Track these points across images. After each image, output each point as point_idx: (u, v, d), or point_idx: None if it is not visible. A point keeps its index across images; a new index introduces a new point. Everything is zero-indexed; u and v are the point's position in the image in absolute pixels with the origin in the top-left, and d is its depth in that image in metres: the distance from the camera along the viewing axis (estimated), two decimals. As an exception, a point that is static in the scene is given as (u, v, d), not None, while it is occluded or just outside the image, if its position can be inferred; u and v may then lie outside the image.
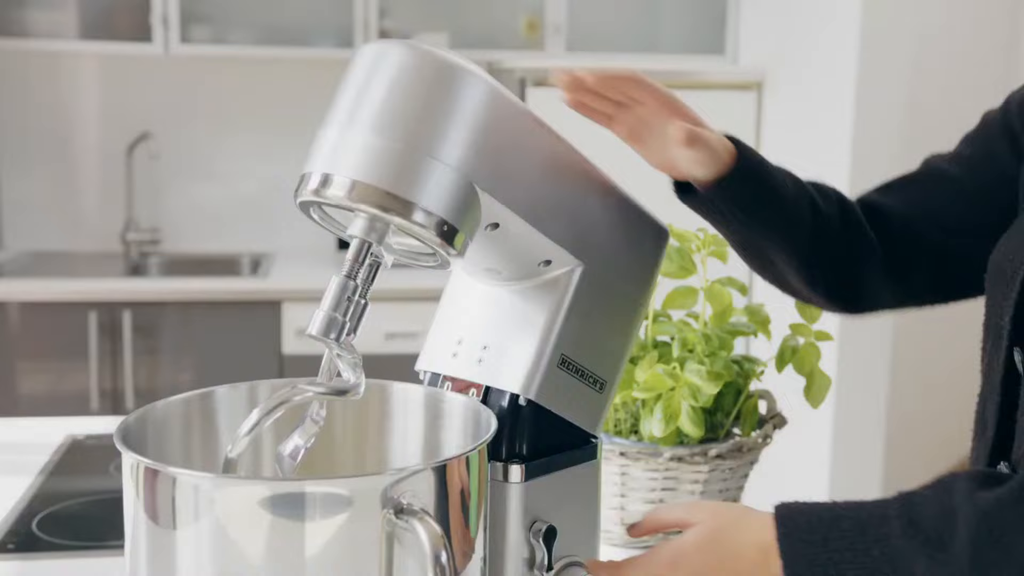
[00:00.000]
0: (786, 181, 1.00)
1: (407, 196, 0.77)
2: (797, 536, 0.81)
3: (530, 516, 0.89)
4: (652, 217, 0.97)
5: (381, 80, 0.79)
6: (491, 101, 0.81)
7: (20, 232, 3.28)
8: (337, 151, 0.79)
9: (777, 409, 1.32)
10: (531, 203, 0.85)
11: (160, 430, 0.84)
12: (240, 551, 0.73)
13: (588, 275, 0.90)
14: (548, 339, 0.89)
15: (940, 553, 0.77)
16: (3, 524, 1.27)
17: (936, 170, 1.09)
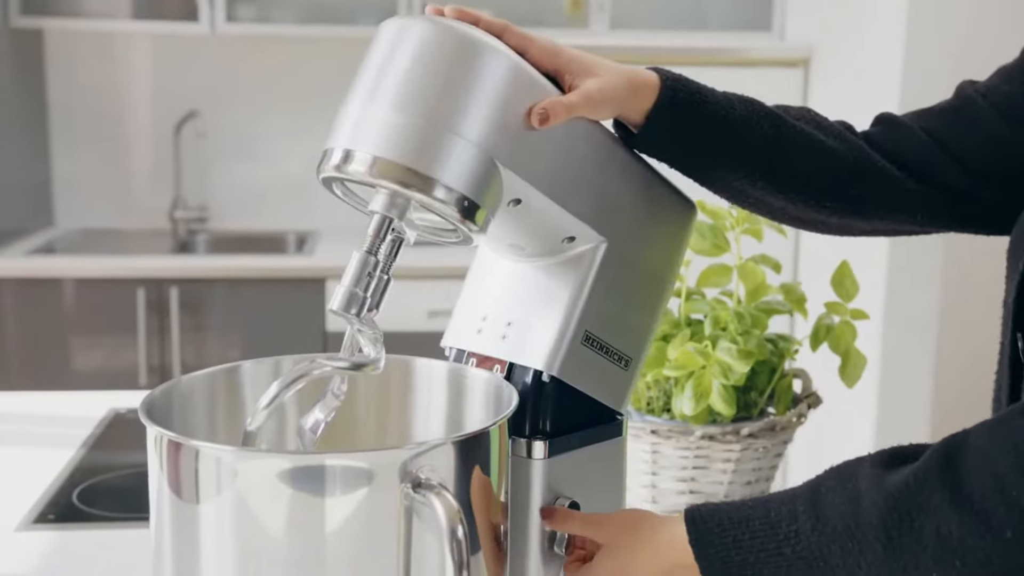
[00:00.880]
0: (732, 104, 0.91)
1: (428, 172, 0.77)
2: (709, 541, 0.80)
3: (553, 492, 0.89)
4: (679, 192, 0.96)
5: (403, 55, 0.79)
6: (512, 77, 0.80)
7: (71, 210, 3.33)
8: (358, 127, 0.79)
9: (812, 388, 1.31)
10: (553, 179, 0.85)
11: (185, 404, 0.86)
12: (261, 524, 0.74)
13: (612, 251, 0.90)
14: (572, 315, 0.88)
15: (852, 541, 0.76)
16: (45, 495, 1.30)
17: (968, 104, 0.98)
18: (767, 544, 0.79)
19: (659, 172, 0.95)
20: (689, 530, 0.81)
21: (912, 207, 0.96)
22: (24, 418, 1.64)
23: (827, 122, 0.96)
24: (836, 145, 0.93)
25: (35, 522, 1.23)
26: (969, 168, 0.95)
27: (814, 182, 0.93)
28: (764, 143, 0.91)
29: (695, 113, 0.89)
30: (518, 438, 0.88)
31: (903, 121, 0.98)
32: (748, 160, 0.91)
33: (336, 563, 0.74)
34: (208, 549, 0.75)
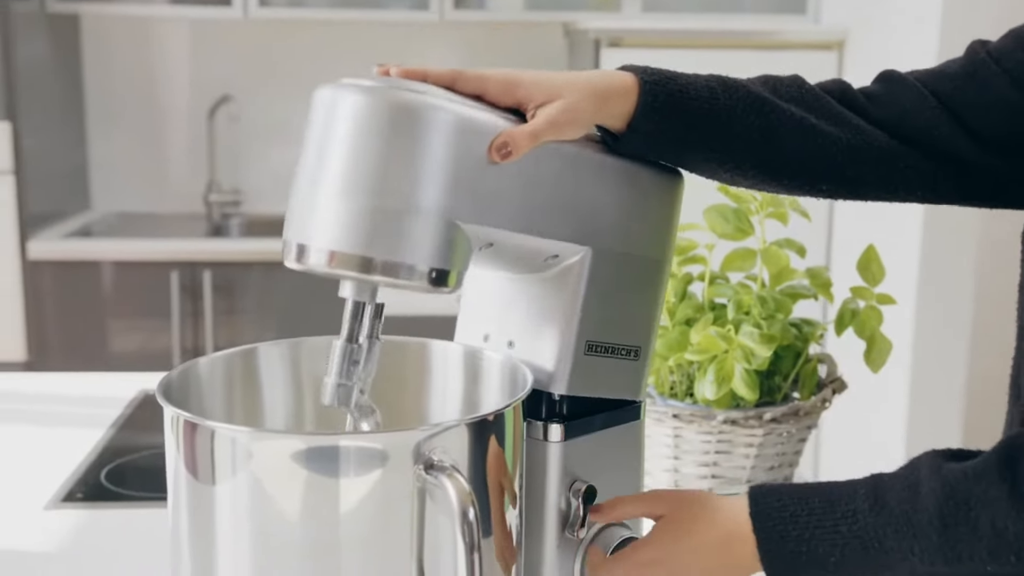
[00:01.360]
0: (715, 95, 0.87)
1: (387, 257, 0.76)
2: (768, 514, 0.81)
3: (569, 475, 0.89)
4: (659, 170, 0.91)
5: (340, 134, 0.76)
6: (457, 132, 0.77)
7: (108, 194, 3.36)
8: (308, 219, 0.77)
9: (838, 373, 1.30)
10: (522, 214, 0.82)
11: (202, 386, 0.86)
12: (275, 504, 0.74)
13: (599, 255, 0.87)
14: (570, 331, 0.87)
15: (908, 527, 0.77)
16: (74, 474, 1.32)
17: (980, 68, 0.91)
18: (824, 521, 0.79)
19: None
20: (750, 503, 0.82)
21: (911, 184, 0.92)
22: (57, 399, 1.66)
23: (820, 99, 0.91)
24: (830, 128, 0.89)
25: (64, 500, 1.25)
26: (979, 137, 0.90)
27: (807, 167, 0.90)
28: (752, 133, 0.87)
29: (678, 113, 0.85)
30: (534, 421, 0.88)
31: (909, 81, 0.92)
32: (735, 151, 0.88)
33: (350, 544, 0.75)
34: (224, 529, 0.76)
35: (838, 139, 0.89)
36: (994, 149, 0.90)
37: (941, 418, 2.51)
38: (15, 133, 2.84)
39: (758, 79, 0.92)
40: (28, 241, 2.88)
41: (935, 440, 2.52)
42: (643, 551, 0.87)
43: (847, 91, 0.93)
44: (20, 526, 1.18)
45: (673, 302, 1.26)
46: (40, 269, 2.90)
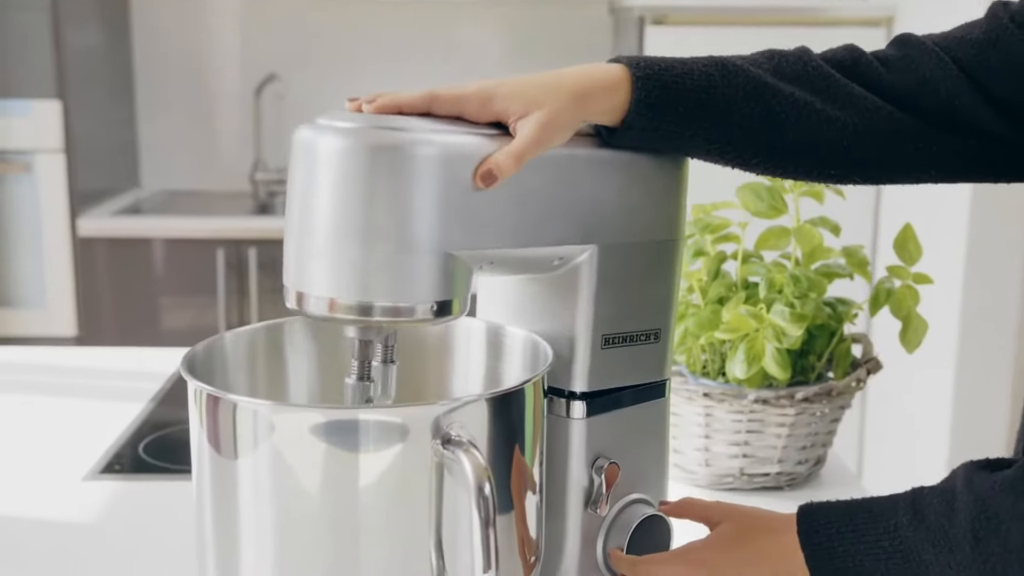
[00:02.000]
0: (713, 83, 0.83)
1: (386, 303, 0.76)
2: (815, 530, 0.82)
3: (592, 452, 0.89)
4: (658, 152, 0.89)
5: (322, 181, 0.75)
6: (440, 164, 0.76)
7: (157, 172, 3.40)
8: (303, 267, 0.77)
9: (873, 353, 1.28)
10: (517, 230, 0.80)
11: (227, 361, 0.87)
12: (296, 478, 0.75)
13: (606, 250, 0.86)
14: (584, 328, 0.86)
15: (944, 540, 0.77)
16: (113, 447, 1.34)
17: (1004, 34, 0.85)
18: (868, 536, 0.80)
19: None
20: (799, 520, 0.83)
21: (923, 163, 0.88)
22: (101, 373, 1.69)
23: (826, 77, 0.86)
24: (835, 111, 0.85)
25: (102, 472, 1.27)
26: (1005, 107, 0.86)
27: (812, 154, 0.87)
28: (752, 121, 0.84)
29: (673, 106, 0.83)
30: (557, 397, 0.88)
31: (928, 46, 0.87)
32: (736, 141, 0.85)
33: (369, 517, 0.75)
34: (246, 502, 0.77)
35: (844, 122, 0.86)
36: (1021, 120, 0.86)
37: (987, 401, 2.48)
38: (65, 112, 2.88)
39: (761, 56, 0.88)
40: (78, 218, 2.93)
41: (981, 424, 2.49)
42: (698, 552, 0.88)
43: (860, 59, 0.88)
44: (58, 497, 1.20)
45: (705, 280, 1.25)
46: (90, 246, 2.94)
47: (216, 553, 0.80)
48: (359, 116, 0.76)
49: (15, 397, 1.55)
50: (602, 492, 0.89)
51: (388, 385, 0.83)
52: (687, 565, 0.87)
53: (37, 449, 1.35)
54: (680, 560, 0.88)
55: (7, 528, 1.13)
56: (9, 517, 1.15)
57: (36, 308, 2.99)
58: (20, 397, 1.54)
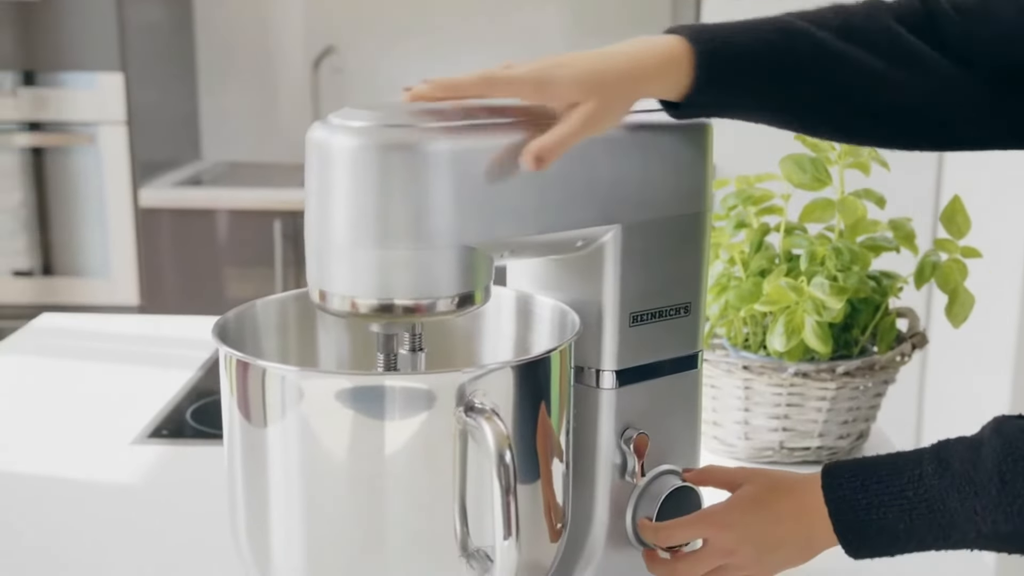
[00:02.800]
0: (778, 56, 0.81)
1: (407, 301, 0.76)
2: (839, 484, 0.81)
3: (622, 423, 0.89)
4: (680, 123, 0.87)
5: (336, 182, 0.75)
6: (453, 159, 0.75)
7: (217, 143, 3.44)
8: (324, 267, 0.78)
9: (919, 328, 1.27)
10: (536, 217, 0.80)
11: (258, 328, 0.88)
12: (323, 445, 0.76)
13: (630, 229, 0.85)
14: (611, 308, 0.86)
15: (969, 485, 0.76)
16: (161, 413, 1.37)
17: None
18: (892, 487, 0.79)
19: (651, 110, 0.86)
20: (823, 476, 0.83)
21: (1000, 131, 0.85)
22: (157, 340, 1.72)
23: (897, 38, 0.82)
24: (904, 78, 0.82)
25: (150, 436, 1.30)
26: None
27: (883, 121, 0.85)
28: (818, 91, 0.82)
29: (738, 81, 0.81)
30: (588, 367, 0.89)
31: None
32: (802, 111, 0.84)
33: (395, 484, 0.76)
34: (275, 467, 0.78)
35: (912, 88, 0.83)
36: None
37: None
38: (128, 84, 2.93)
39: (828, 13, 0.84)
40: (140, 190, 2.98)
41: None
42: (721, 514, 0.88)
43: (934, 11, 0.84)
44: (107, 460, 1.23)
45: (747, 252, 1.24)
46: (151, 217, 2.99)
47: (247, 518, 0.81)
48: (371, 114, 0.76)
49: (76, 363, 1.58)
50: (636, 463, 0.89)
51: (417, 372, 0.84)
52: (710, 527, 0.87)
53: (91, 413, 1.38)
54: (703, 523, 0.88)
55: (57, 489, 1.16)
56: (59, 478, 1.18)
57: (100, 278, 3.05)
58: (80, 363, 1.58)
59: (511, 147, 0.77)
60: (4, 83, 2.96)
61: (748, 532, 0.86)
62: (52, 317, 1.83)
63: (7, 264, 3.05)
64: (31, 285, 3.05)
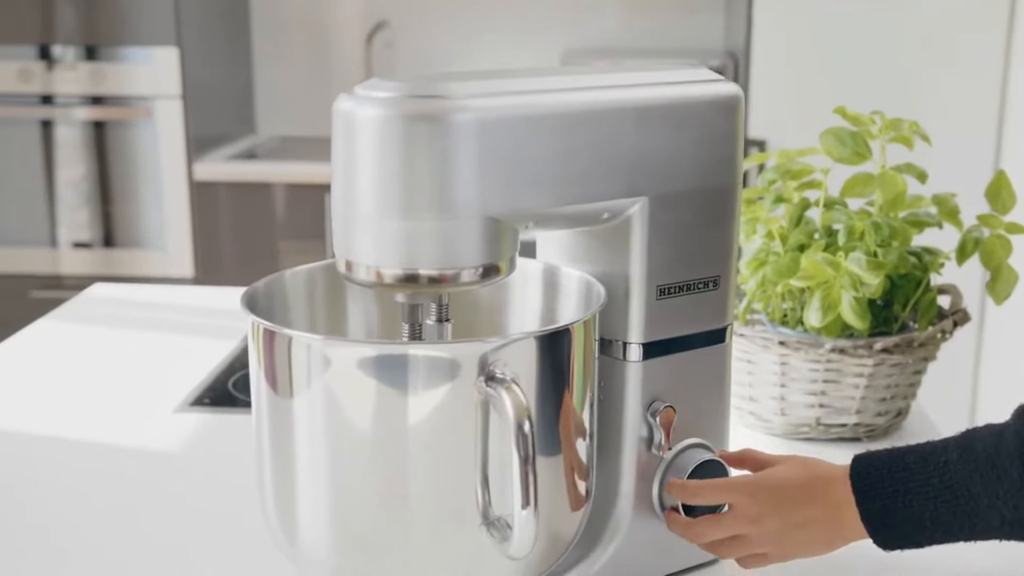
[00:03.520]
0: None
1: (431, 270, 0.77)
2: (867, 472, 0.82)
3: (649, 396, 0.89)
4: (712, 92, 0.87)
5: (361, 152, 0.76)
6: (477, 129, 0.75)
7: (272, 118, 3.47)
8: (350, 237, 0.78)
9: (961, 305, 1.25)
10: (561, 189, 0.80)
11: (287, 299, 0.89)
12: (348, 413, 0.77)
13: (657, 201, 0.85)
14: (638, 280, 0.86)
15: (992, 470, 0.76)
16: (204, 381, 1.39)
17: None
18: (918, 474, 0.80)
19: (684, 83, 0.86)
20: (851, 466, 0.83)
21: None
22: (207, 311, 1.75)
23: None
24: None
25: (192, 405, 1.32)
26: None
27: None
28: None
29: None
30: (615, 340, 0.89)
31: None
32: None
33: (418, 452, 0.77)
34: (301, 435, 0.79)
35: None
36: None
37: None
38: (182, 59, 2.96)
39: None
40: (195, 163, 3.01)
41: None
42: (751, 486, 0.87)
43: None
44: (149, 427, 1.26)
45: (785, 227, 1.23)
46: (206, 190, 3.03)
47: (273, 486, 0.83)
48: (397, 85, 0.76)
49: (125, 332, 1.61)
50: (662, 436, 0.89)
51: None
52: (739, 493, 0.87)
53: (137, 381, 1.41)
54: (732, 488, 0.88)
55: (97, 454, 1.19)
56: (100, 443, 1.21)
57: (156, 250, 3.10)
58: (129, 332, 1.61)
59: None
60: (66, 57, 3.01)
61: (776, 505, 0.85)
62: (104, 287, 1.87)
63: (70, 236, 3.11)
64: (91, 257, 3.11)
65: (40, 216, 3.11)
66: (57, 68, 3.01)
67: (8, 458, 1.18)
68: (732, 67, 2.97)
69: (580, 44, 3.30)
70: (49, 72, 3.02)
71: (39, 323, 1.65)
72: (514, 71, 0.84)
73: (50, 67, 3.01)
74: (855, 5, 2.62)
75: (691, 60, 2.98)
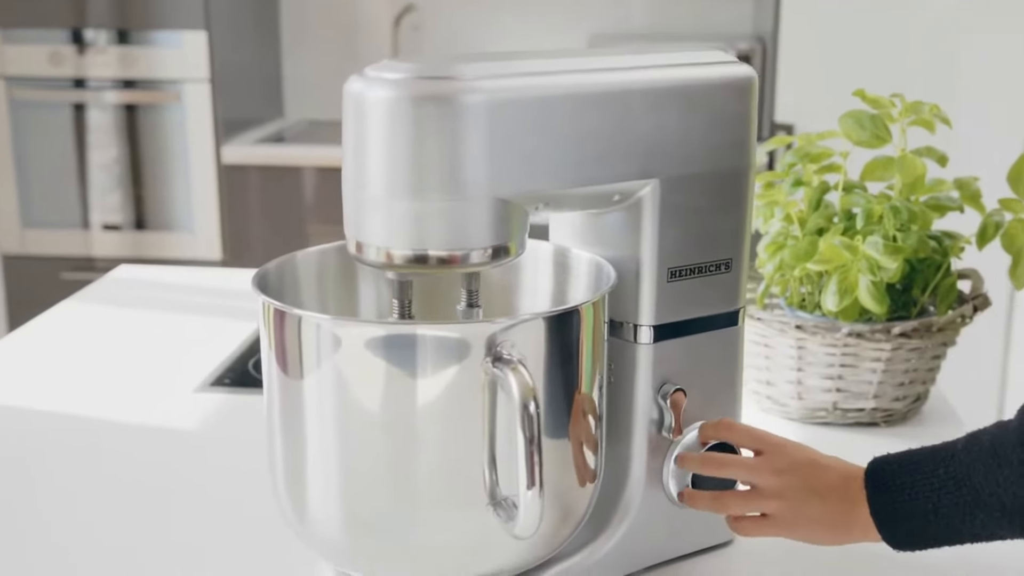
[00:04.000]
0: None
1: (441, 252, 0.77)
2: (880, 469, 0.83)
3: (659, 378, 0.89)
4: (725, 74, 0.87)
5: (371, 134, 0.76)
6: (487, 110, 0.75)
7: (300, 101, 3.49)
8: (360, 218, 0.79)
9: (982, 289, 1.24)
10: (571, 170, 0.80)
11: (298, 279, 0.90)
12: (357, 392, 0.77)
13: (668, 184, 0.84)
14: (649, 263, 0.86)
15: (993, 458, 0.77)
16: (224, 362, 1.40)
17: None
18: (924, 467, 0.81)
19: (697, 65, 0.86)
20: (867, 466, 0.84)
21: None
22: (232, 293, 1.76)
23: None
24: None
25: (212, 385, 1.33)
26: None
27: None
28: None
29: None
30: (626, 322, 0.89)
31: None
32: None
33: (426, 432, 0.77)
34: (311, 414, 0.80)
35: None
36: None
37: None
38: (211, 42, 2.98)
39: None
40: (223, 147, 3.03)
41: None
42: (766, 464, 0.87)
43: None
44: (169, 407, 1.27)
45: (805, 210, 1.22)
46: (234, 173, 3.05)
47: (283, 466, 0.83)
48: (407, 66, 0.76)
49: (148, 313, 1.63)
50: (672, 418, 0.89)
51: None
52: (770, 447, 0.87)
53: (159, 361, 1.42)
54: (761, 441, 0.88)
55: (120, 433, 1.20)
56: (120, 423, 1.22)
57: (185, 232, 3.12)
58: (153, 313, 1.63)
59: None
60: (98, 40, 3.03)
61: (803, 466, 0.86)
62: (129, 269, 1.89)
63: (101, 218, 3.14)
64: (122, 239, 3.14)
65: (72, 199, 3.14)
66: (89, 52, 3.04)
67: (30, 435, 1.20)
68: (760, 51, 2.95)
69: (607, 29, 3.29)
70: (80, 56, 3.04)
71: (64, 304, 1.67)
72: (526, 53, 0.84)
73: (81, 51, 3.04)
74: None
75: (719, 44, 2.96)
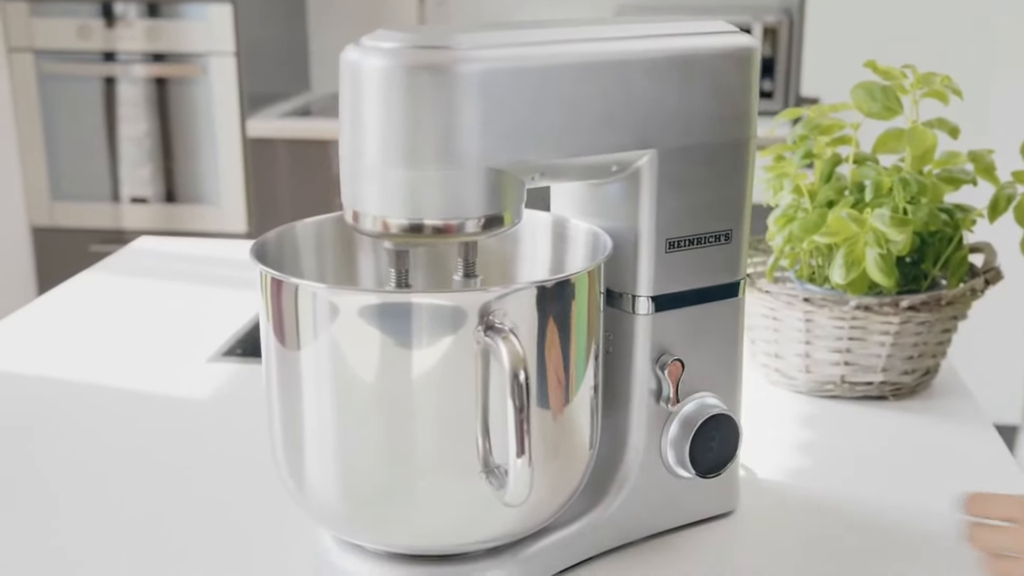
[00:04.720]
0: None
1: (436, 221, 0.77)
2: None
3: (657, 349, 0.89)
4: (725, 44, 0.86)
5: (366, 102, 0.76)
6: (482, 80, 0.75)
7: (326, 75, 3.50)
8: (357, 186, 0.79)
9: (995, 263, 1.23)
10: (567, 141, 0.79)
11: (298, 250, 0.91)
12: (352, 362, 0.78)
13: (666, 154, 0.84)
14: (647, 234, 0.86)
15: None
16: (237, 333, 1.42)
17: None
18: None
19: (699, 35, 0.86)
20: None
21: None
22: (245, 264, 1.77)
23: None
24: None
25: (224, 355, 1.35)
26: None
27: None
28: None
29: None
30: (624, 293, 0.89)
31: None
32: None
33: (420, 400, 0.78)
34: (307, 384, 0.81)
35: None
36: None
37: None
38: (236, 16, 2.99)
39: None
40: (248, 120, 3.05)
41: None
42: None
43: None
44: (182, 376, 1.28)
45: (815, 183, 1.22)
46: (260, 147, 3.06)
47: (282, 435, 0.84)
48: (403, 35, 0.77)
49: (166, 283, 1.64)
50: (670, 389, 0.89)
51: None
52: None
53: (174, 331, 1.44)
54: None
55: (133, 401, 1.22)
56: (135, 391, 1.24)
57: (211, 205, 3.15)
58: (170, 284, 1.64)
59: None
60: (127, 14, 3.05)
61: None
62: (150, 240, 1.90)
63: (130, 191, 3.17)
64: (150, 212, 3.17)
65: (101, 172, 3.17)
66: (117, 25, 3.06)
67: (46, 404, 1.22)
68: (787, 24, 2.93)
69: (633, 0, 3.27)
70: (109, 29, 3.06)
71: (84, 274, 1.69)
72: (526, 23, 0.84)
73: (110, 24, 3.06)
74: (912, -41, 2.56)
75: (744, 17, 2.94)
